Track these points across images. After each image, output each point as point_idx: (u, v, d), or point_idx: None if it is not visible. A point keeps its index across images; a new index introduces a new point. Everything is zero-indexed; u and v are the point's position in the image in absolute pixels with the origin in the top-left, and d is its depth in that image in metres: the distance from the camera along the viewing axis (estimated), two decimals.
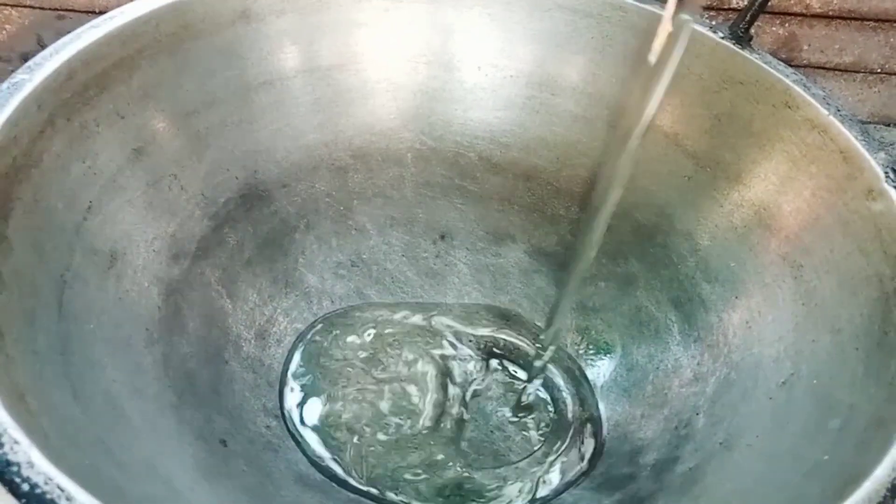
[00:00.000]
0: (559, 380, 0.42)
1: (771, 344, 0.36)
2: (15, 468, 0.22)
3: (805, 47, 0.62)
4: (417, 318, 0.45)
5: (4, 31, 0.82)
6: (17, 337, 0.29)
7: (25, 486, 0.22)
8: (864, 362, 0.31)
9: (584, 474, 0.37)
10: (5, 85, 0.35)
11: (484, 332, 0.44)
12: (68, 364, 0.31)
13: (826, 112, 0.38)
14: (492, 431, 0.40)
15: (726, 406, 0.35)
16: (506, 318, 0.45)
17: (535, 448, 0.39)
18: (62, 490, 0.22)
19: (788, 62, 0.56)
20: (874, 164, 0.36)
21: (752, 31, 0.41)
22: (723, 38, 0.42)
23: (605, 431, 0.39)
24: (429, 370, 0.42)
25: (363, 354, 0.43)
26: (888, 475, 0.24)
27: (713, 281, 0.40)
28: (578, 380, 0.42)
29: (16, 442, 0.23)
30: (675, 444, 0.35)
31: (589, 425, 0.40)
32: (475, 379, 0.42)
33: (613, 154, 0.44)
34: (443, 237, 0.47)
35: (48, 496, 0.21)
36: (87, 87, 0.37)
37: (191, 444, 0.33)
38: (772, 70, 0.40)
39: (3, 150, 0.32)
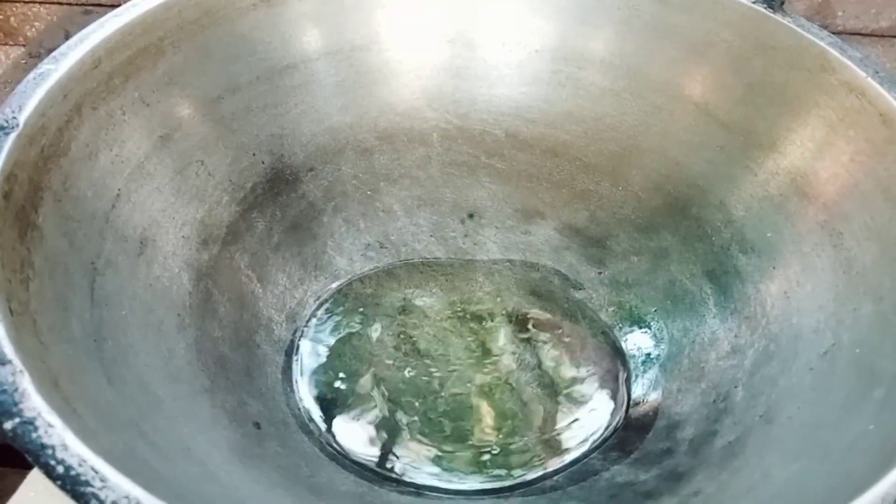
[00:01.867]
0: (592, 354, 0.42)
1: (811, 314, 0.35)
2: (49, 451, 0.22)
3: (840, 13, 0.60)
4: (448, 296, 0.44)
5: (33, 28, 0.84)
6: (50, 324, 0.29)
7: (60, 469, 0.22)
8: None
9: (620, 449, 0.36)
10: (31, 75, 0.35)
11: (515, 308, 0.44)
12: (101, 350, 0.31)
13: (864, 74, 0.36)
14: (525, 404, 0.40)
15: (766, 378, 0.34)
16: (537, 294, 0.44)
17: (569, 422, 0.39)
18: (96, 472, 0.22)
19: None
20: None
21: None
22: (754, 2, 0.40)
23: (640, 406, 0.38)
24: (461, 346, 0.42)
25: (394, 333, 0.42)
26: None
27: (749, 252, 0.39)
28: (613, 355, 0.41)
29: (50, 425, 0.23)
30: (713, 419, 0.34)
31: (624, 400, 0.39)
32: (508, 354, 0.42)
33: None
34: (471, 216, 0.47)
35: (83, 478, 0.22)
36: (112, 76, 0.37)
37: (225, 427, 0.33)
38: (806, 33, 0.39)
39: (32, 140, 0.33)
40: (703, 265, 0.41)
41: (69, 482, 0.21)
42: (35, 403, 0.23)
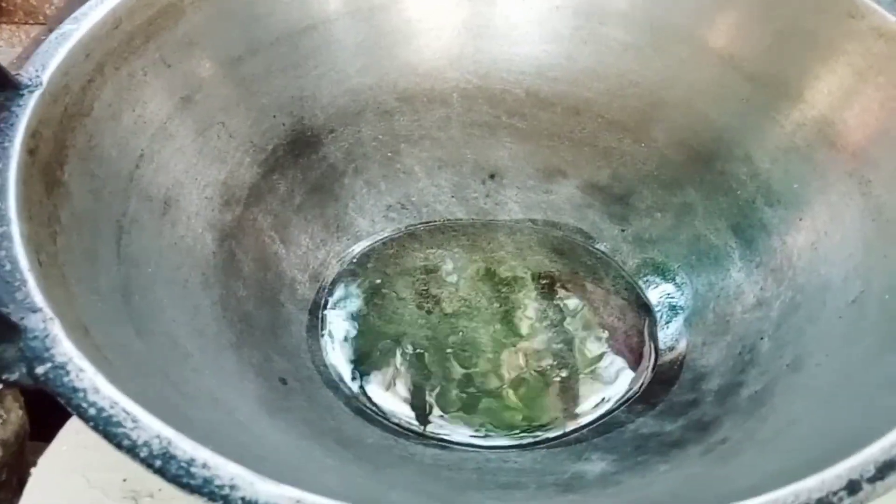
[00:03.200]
0: (617, 313, 0.41)
1: (839, 263, 0.34)
2: (81, 394, 0.22)
3: None
4: (470, 256, 0.44)
5: (52, 6, 0.84)
6: (79, 276, 0.29)
7: (92, 410, 0.22)
8: None
9: (645, 402, 0.36)
10: (53, 35, 0.35)
11: (539, 266, 0.44)
12: (129, 304, 0.31)
13: (893, 19, 0.36)
14: (552, 357, 0.39)
15: (792, 329, 0.34)
16: (560, 252, 0.44)
17: (595, 404, 0.38)
18: (128, 413, 0.22)
19: None
20: None
21: None
22: None
23: (665, 361, 0.38)
24: (485, 304, 0.42)
25: (418, 293, 0.42)
26: None
27: (775, 204, 0.39)
28: (637, 311, 0.41)
29: (81, 370, 0.23)
30: (739, 369, 0.34)
31: (650, 354, 0.39)
32: (532, 310, 0.42)
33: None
34: (492, 176, 0.46)
35: (115, 419, 0.22)
36: (134, 36, 0.37)
37: (251, 381, 0.33)
38: None
39: (55, 98, 0.33)
40: (728, 219, 0.40)
41: (101, 423, 0.22)
42: (66, 349, 0.24)
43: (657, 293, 0.41)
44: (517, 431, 0.36)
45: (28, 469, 0.34)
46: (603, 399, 0.37)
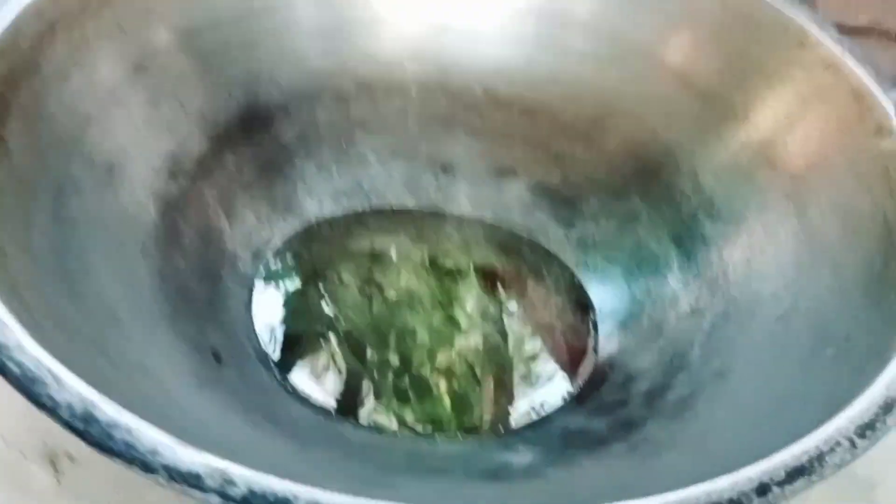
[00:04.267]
0: (555, 311, 0.42)
1: (771, 280, 0.36)
2: (5, 351, 0.22)
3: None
4: (416, 245, 0.44)
5: None
6: (12, 236, 0.29)
7: (15, 369, 0.22)
8: (863, 296, 0.31)
9: (575, 401, 0.37)
10: None
11: (483, 261, 0.44)
12: (63, 265, 0.31)
13: (839, 52, 0.37)
14: (487, 355, 0.40)
15: (722, 339, 0.35)
16: (505, 250, 0.45)
17: (530, 377, 0.39)
18: (52, 373, 0.22)
19: None
20: (884, 102, 0.35)
21: None
22: None
23: (598, 361, 0.39)
24: (426, 294, 0.42)
25: (360, 279, 0.42)
26: (881, 394, 0.24)
27: (716, 219, 0.40)
28: (575, 311, 0.42)
29: (6, 326, 0.22)
30: (668, 374, 0.35)
31: (587, 355, 0.39)
32: (472, 304, 0.42)
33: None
34: (445, 170, 0.47)
35: (38, 378, 0.21)
36: None
37: (184, 354, 0.33)
38: (786, 9, 0.39)
39: (2, 54, 0.32)
40: (670, 229, 0.41)
41: (24, 382, 0.21)
42: None
43: (596, 295, 0.42)
44: (444, 430, 0.36)
45: None
46: (533, 408, 0.38)
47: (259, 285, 0.40)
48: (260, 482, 0.20)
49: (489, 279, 0.43)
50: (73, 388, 0.21)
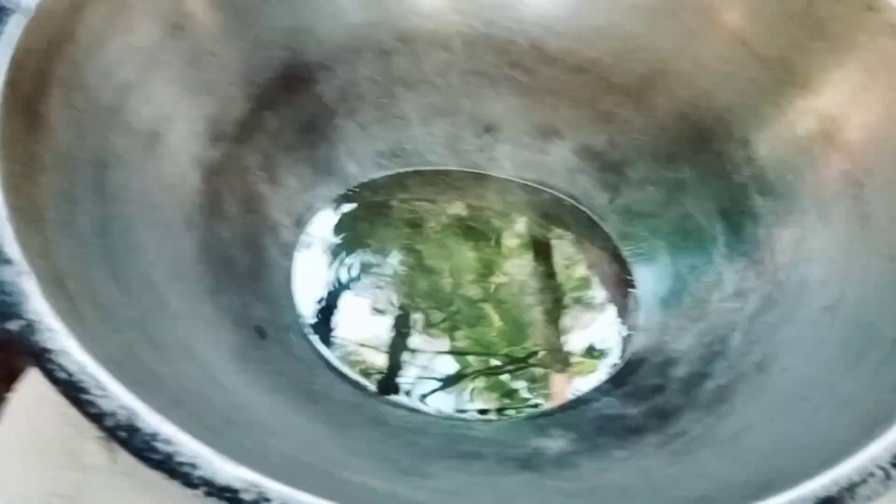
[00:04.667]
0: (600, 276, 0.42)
1: (820, 265, 0.35)
2: (51, 356, 0.23)
3: None
4: (457, 211, 0.44)
5: None
6: (57, 219, 0.29)
7: (62, 374, 0.22)
8: None
9: (613, 381, 0.37)
10: None
11: (525, 227, 0.44)
12: (108, 246, 0.31)
13: None
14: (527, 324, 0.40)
15: (765, 326, 0.34)
16: (547, 216, 0.44)
17: (567, 348, 0.39)
18: (96, 380, 0.22)
19: None
20: None
21: None
22: None
23: (639, 339, 0.39)
24: (469, 261, 0.42)
25: (401, 245, 0.42)
26: None
27: (767, 194, 0.38)
28: (618, 285, 0.41)
29: (51, 330, 0.23)
30: (707, 360, 0.35)
31: (626, 329, 0.39)
32: (513, 272, 0.42)
33: None
34: (487, 130, 0.46)
35: (82, 385, 0.22)
36: None
37: (228, 330, 0.33)
38: None
39: (39, 24, 0.32)
40: (719, 202, 0.40)
41: (70, 389, 0.22)
42: (38, 306, 0.24)
43: (639, 269, 0.41)
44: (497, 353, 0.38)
45: None
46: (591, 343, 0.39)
47: (301, 254, 0.40)
48: (295, 498, 0.21)
49: (532, 246, 0.43)
50: (116, 395, 0.22)
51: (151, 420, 0.22)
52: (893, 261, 0.32)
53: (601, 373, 0.38)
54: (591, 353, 0.40)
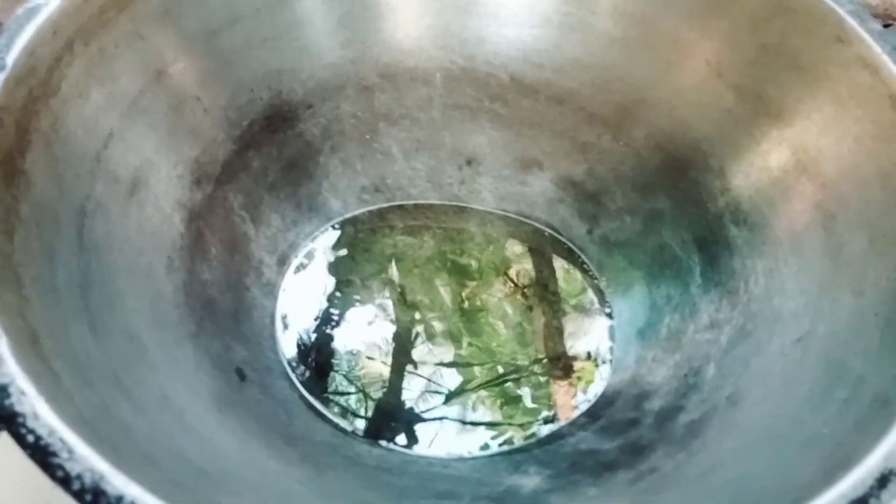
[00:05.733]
0: (575, 316, 0.42)
1: (792, 297, 0.35)
2: (21, 419, 0.23)
3: None
4: (440, 245, 0.45)
5: None
6: (35, 275, 0.30)
7: (30, 438, 0.23)
8: (881, 331, 0.30)
9: (588, 415, 0.37)
10: (21, 10, 0.34)
11: (506, 260, 0.44)
12: (87, 297, 0.32)
13: (879, 50, 0.35)
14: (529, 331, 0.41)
15: (738, 358, 0.35)
16: (528, 248, 0.44)
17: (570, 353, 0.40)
18: (64, 442, 0.23)
19: None
20: None
21: None
22: None
23: (615, 371, 0.39)
24: (449, 297, 0.42)
25: (383, 279, 0.43)
26: (879, 464, 0.24)
27: (742, 224, 0.39)
28: (596, 316, 0.42)
29: (23, 393, 0.24)
30: (682, 393, 0.35)
31: (601, 362, 0.40)
32: (491, 304, 0.43)
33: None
34: (469, 163, 0.46)
35: (51, 448, 0.23)
36: (106, 9, 0.37)
37: (207, 374, 0.34)
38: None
39: (20, 81, 0.32)
40: (695, 232, 0.40)
41: (38, 452, 0.23)
42: (10, 369, 0.24)
43: (617, 300, 0.42)
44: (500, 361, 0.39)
45: None
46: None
47: (284, 292, 0.41)
48: None
49: (511, 282, 0.44)
50: (84, 458, 0.23)
51: (118, 482, 0.22)
52: (862, 294, 0.32)
53: (599, 382, 0.38)
54: (591, 357, 0.40)
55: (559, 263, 0.44)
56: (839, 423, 0.27)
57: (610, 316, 0.42)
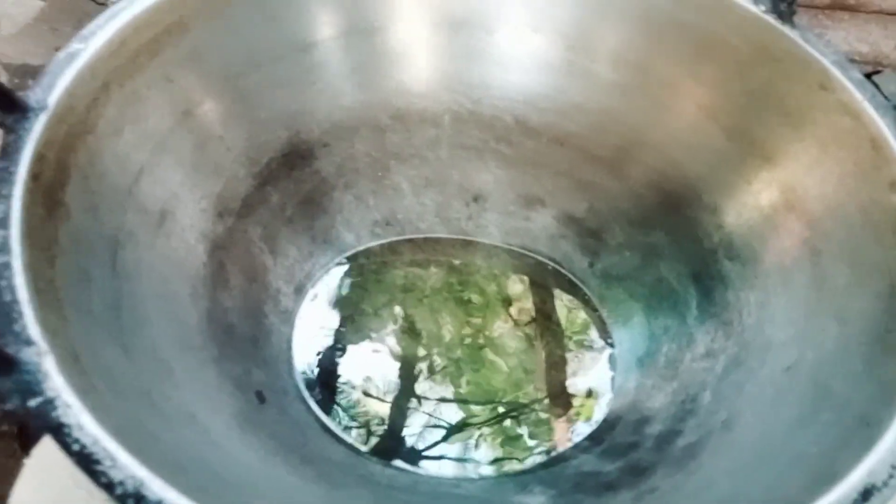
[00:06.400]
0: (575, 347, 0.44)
1: (782, 327, 0.37)
2: (67, 430, 0.25)
3: None
4: (447, 277, 0.47)
5: None
6: (73, 298, 0.32)
7: (76, 447, 0.25)
8: (864, 357, 0.32)
9: (591, 438, 0.39)
10: (61, 55, 0.37)
11: (511, 292, 0.46)
12: (119, 320, 0.34)
13: (860, 97, 0.37)
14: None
15: (732, 385, 0.37)
16: (532, 281, 0.47)
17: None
18: (107, 451, 0.25)
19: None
20: None
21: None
22: (764, 11, 0.41)
23: (617, 398, 0.41)
24: (458, 329, 0.44)
25: (393, 311, 0.45)
26: (862, 479, 0.26)
27: (735, 259, 0.41)
28: (598, 347, 0.44)
29: (68, 405, 0.26)
30: (679, 418, 0.37)
31: (600, 397, 0.42)
32: (495, 339, 0.44)
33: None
34: (475, 199, 0.49)
35: (95, 456, 0.25)
36: (139, 54, 0.39)
37: (229, 395, 0.36)
38: (810, 49, 0.39)
39: (60, 119, 0.35)
40: (691, 267, 0.43)
41: (84, 460, 0.24)
42: (56, 383, 0.26)
43: (617, 331, 0.44)
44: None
45: None
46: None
47: (300, 320, 0.43)
48: None
49: (515, 314, 0.46)
50: (125, 466, 0.25)
51: (157, 487, 0.24)
52: (846, 323, 0.34)
53: (597, 417, 0.40)
54: (591, 395, 0.42)
55: (563, 299, 0.46)
56: (825, 443, 0.29)
57: (612, 345, 0.43)
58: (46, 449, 0.37)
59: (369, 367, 0.42)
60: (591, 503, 0.33)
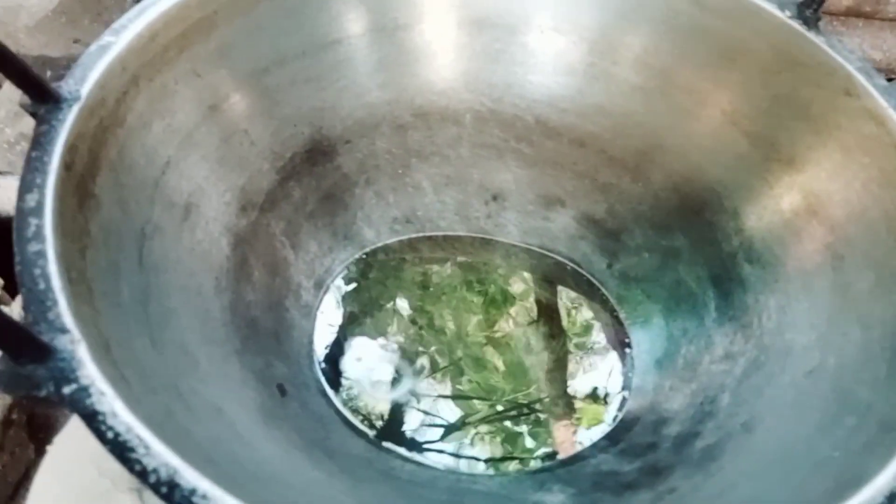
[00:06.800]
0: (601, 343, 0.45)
1: (803, 331, 0.37)
2: (101, 417, 0.25)
3: None
4: (465, 275, 0.47)
5: None
6: (103, 290, 0.32)
7: (110, 434, 0.25)
8: (888, 363, 0.32)
9: (609, 438, 0.39)
10: (93, 47, 0.37)
11: (529, 291, 0.47)
12: (147, 312, 0.34)
13: (885, 104, 0.37)
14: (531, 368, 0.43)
15: (752, 388, 0.37)
16: (549, 281, 0.47)
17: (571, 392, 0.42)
18: (141, 439, 0.25)
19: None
20: None
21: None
22: (790, 17, 0.41)
23: (634, 398, 0.41)
24: (474, 324, 0.45)
25: (411, 306, 0.45)
26: (888, 483, 0.26)
27: (755, 262, 0.41)
28: (615, 346, 0.44)
29: (102, 393, 0.26)
30: (698, 419, 0.37)
31: (620, 390, 0.42)
32: (515, 336, 0.45)
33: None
34: (495, 198, 0.49)
35: (129, 444, 0.25)
36: (168, 48, 0.40)
37: (252, 389, 0.36)
38: (836, 55, 0.39)
39: (92, 111, 0.35)
40: (710, 269, 0.43)
41: (118, 448, 0.25)
42: (90, 371, 0.27)
43: (635, 332, 0.44)
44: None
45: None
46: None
47: (321, 314, 0.43)
48: None
49: (534, 313, 0.46)
50: (159, 454, 0.25)
51: (190, 476, 0.25)
52: (870, 329, 0.34)
53: (605, 423, 0.40)
54: (595, 397, 0.42)
55: (579, 300, 0.46)
56: (849, 447, 0.29)
57: (629, 346, 0.44)
58: (68, 438, 0.38)
59: (380, 362, 0.43)
60: (610, 502, 0.33)
